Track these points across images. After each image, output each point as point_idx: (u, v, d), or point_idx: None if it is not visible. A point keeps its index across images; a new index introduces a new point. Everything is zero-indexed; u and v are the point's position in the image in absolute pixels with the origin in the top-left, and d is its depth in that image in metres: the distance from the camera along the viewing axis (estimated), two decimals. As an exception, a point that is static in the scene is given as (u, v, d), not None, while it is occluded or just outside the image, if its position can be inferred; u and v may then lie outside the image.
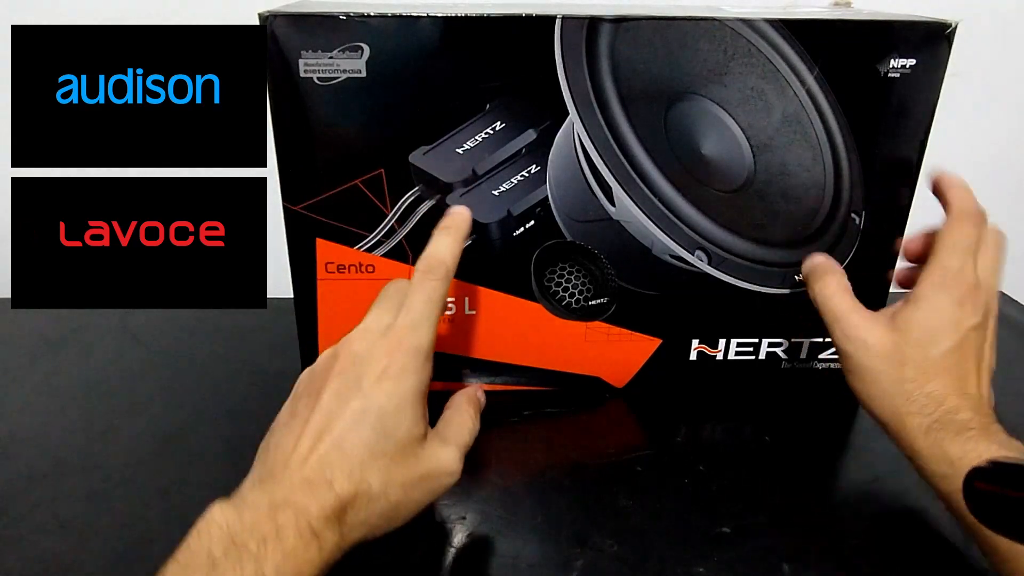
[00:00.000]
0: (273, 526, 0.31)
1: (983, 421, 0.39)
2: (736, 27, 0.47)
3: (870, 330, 0.42)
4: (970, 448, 0.37)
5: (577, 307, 0.54)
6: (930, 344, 0.41)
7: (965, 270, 0.42)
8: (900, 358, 0.41)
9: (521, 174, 0.49)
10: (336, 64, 0.44)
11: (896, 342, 0.41)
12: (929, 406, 0.40)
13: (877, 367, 0.41)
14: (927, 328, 0.41)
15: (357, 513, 0.34)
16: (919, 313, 0.41)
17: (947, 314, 0.41)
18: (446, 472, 0.37)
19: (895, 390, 0.41)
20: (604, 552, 0.43)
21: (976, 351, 0.42)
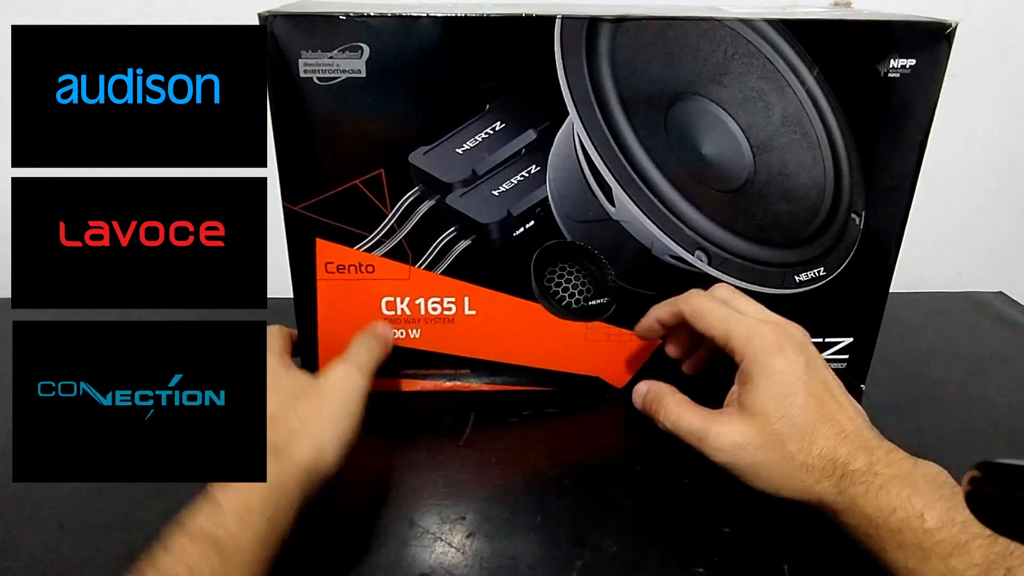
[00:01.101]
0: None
1: (880, 455, 0.39)
2: (736, 27, 0.47)
3: (735, 430, 0.42)
4: (884, 504, 0.37)
5: (577, 307, 0.54)
6: (787, 409, 0.41)
7: (747, 324, 0.43)
8: (775, 439, 0.41)
9: (521, 174, 0.49)
10: (336, 64, 0.44)
11: (762, 426, 0.41)
12: (828, 467, 0.39)
13: (763, 458, 0.41)
14: (773, 397, 0.41)
15: (288, 440, 0.40)
16: (756, 389, 0.41)
17: (780, 373, 0.41)
18: (338, 379, 0.44)
19: (791, 469, 0.40)
20: (604, 552, 0.43)
21: (824, 386, 0.42)
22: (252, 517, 0.36)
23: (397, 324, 0.53)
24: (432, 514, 0.46)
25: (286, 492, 0.38)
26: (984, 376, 0.63)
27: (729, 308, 0.45)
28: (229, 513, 0.35)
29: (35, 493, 0.47)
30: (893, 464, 0.38)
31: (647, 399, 0.47)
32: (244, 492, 0.36)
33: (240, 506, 0.36)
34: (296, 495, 0.39)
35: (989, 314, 0.74)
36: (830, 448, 0.40)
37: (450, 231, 0.50)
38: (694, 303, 0.45)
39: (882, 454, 0.39)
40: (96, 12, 0.67)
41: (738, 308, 0.45)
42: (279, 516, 0.37)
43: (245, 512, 0.36)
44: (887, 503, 0.37)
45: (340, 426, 0.42)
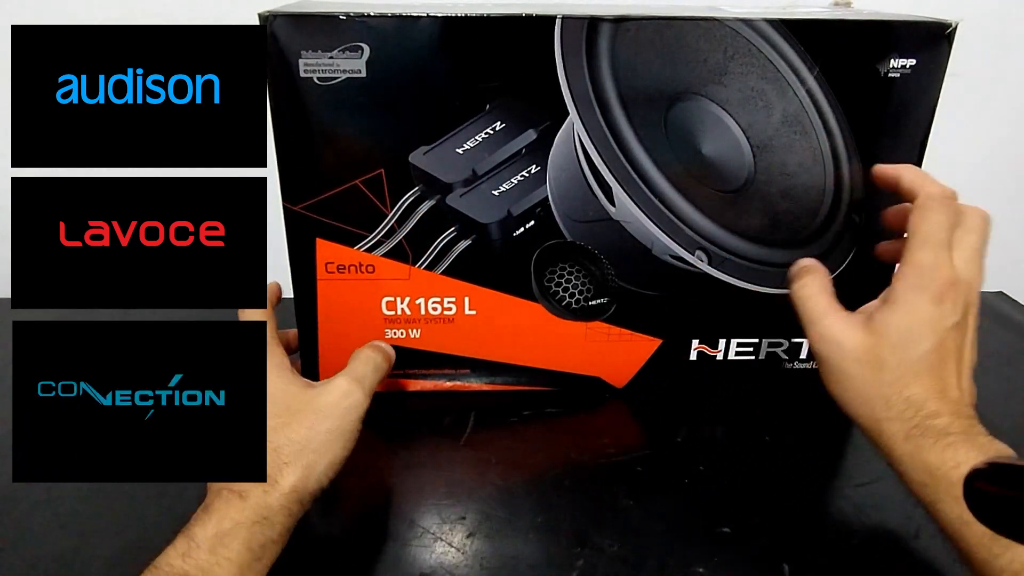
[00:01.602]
0: (204, 507, 0.38)
1: (964, 425, 0.38)
2: (736, 27, 0.47)
3: (846, 332, 0.41)
4: (949, 456, 0.36)
5: (577, 307, 0.54)
6: (908, 347, 0.39)
7: (940, 264, 0.40)
8: (877, 362, 0.40)
9: (521, 174, 0.49)
10: (336, 64, 0.44)
11: (873, 345, 0.40)
12: (908, 411, 0.39)
13: (854, 371, 0.40)
14: (904, 330, 0.39)
15: (276, 466, 0.39)
16: (895, 315, 0.40)
17: (924, 314, 0.39)
18: (339, 397, 0.43)
19: (873, 395, 0.40)
20: (604, 552, 0.43)
21: (956, 351, 0.40)
22: (230, 547, 0.36)
23: (397, 324, 0.53)
24: (432, 514, 0.46)
25: (271, 520, 0.38)
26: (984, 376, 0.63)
27: (945, 245, 0.40)
28: (202, 546, 0.35)
29: (35, 493, 0.47)
30: (974, 435, 0.37)
31: (797, 268, 0.45)
32: (221, 522, 0.36)
33: (213, 538, 0.36)
34: (282, 521, 0.38)
35: (989, 314, 0.74)
36: (922, 397, 0.38)
37: (450, 231, 0.50)
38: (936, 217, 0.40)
39: (967, 423, 0.38)
40: (96, 12, 0.67)
41: (955, 249, 0.41)
42: (262, 543, 0.37)
43: (220, 544, 0.36)
44: (952, 457, 0.36)
45: (334, 450, 0.41)
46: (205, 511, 0.37)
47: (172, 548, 0.35)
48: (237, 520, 0.36)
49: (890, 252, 0.48)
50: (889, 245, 0.48)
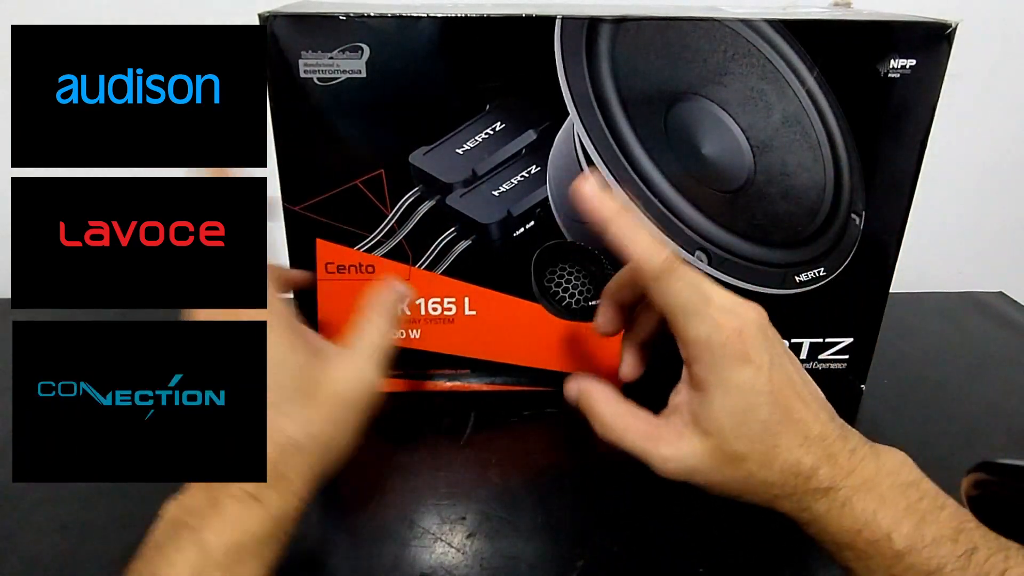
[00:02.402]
0: (210, 501, 0.33)
1: (836, 466, 0.35)
2: (736, 27, 0.47)
3: (688, 452, 0.36)
4: (847, 525, 0.34)
5: (577, 307, 0.54)
6: (747, 428, 0.35)
7: (717, 326, 0.35)
8: (731, 460, 0.36)
9: (521, 174, 0.49)
10: (336, 64, 0.44)
11: (715, 448, 0.36)
12: (789, 483, 0.35)
13: (720, 479, 0.36)
14: (733, 415, 0.35)
15: (293, 467, 0.35)
16: (713, 404, 0.36)
17: (741, 387, 0.35)
18: (359, 384, 0.38)
19: (751, 487, 0.36)
20: (604, 552, 0.43)
21: (788, 384, 0.36)
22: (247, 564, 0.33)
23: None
24: (432, 514, 0.46)
25: (286, 529, 0.35)
26: (984, 376, 0.63)
27: (692, 292, 0.36)
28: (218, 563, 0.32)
29: (35, 493, 0.47)
30: (856, 470, 0.35)
31: (581, 405, 0.40)
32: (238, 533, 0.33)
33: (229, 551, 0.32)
34: (291, 528, 0.35)
35: (989, 314, 0.74)
36: (793, 461, 0.35)
37: (450, 231, 0.50)
38: (664, 286, 0.36)
39: (844, 459, 0.35)
40: (96, 12, 0.67)
41: (700, 294, 0.36)
42: (274, 555, 0.34)
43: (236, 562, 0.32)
44: (852, 523, 0.34)
45: (351, 439, 0.37)
46: (215, 509, 0.33)
47: (178, 553, 0.32)
48: (255, 534, 0.33)
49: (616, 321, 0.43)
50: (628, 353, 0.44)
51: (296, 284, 0.51)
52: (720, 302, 0.37)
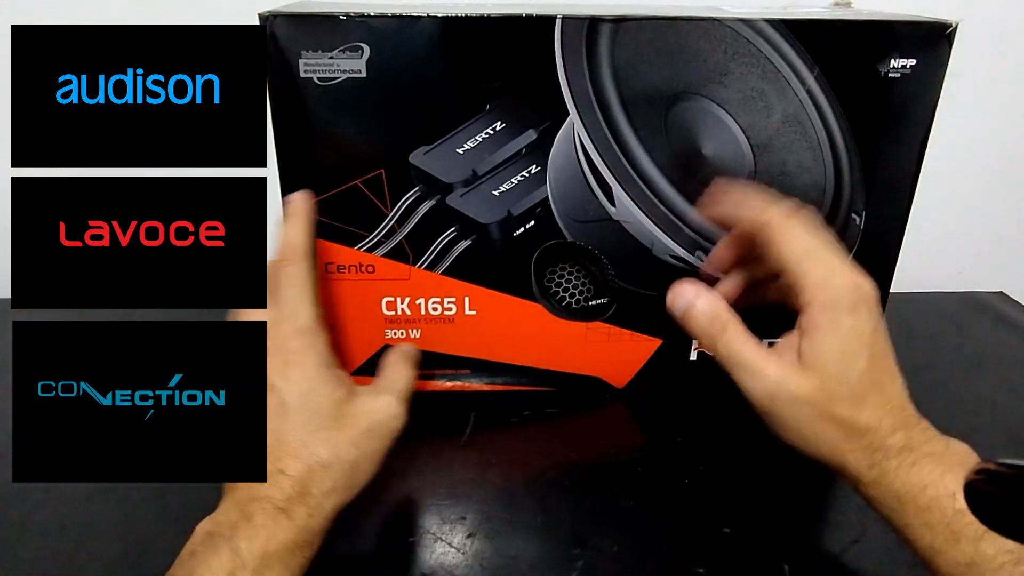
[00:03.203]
0: (242, 514, 0.35)
1: (918, 434, 0.37)
2: (736, 27, 0.46)
3: (789, 379, 0.38)
4: (915, 480, 0.36)
5: (577, 307, 0.54)
6: (847, 371, 0.37)
7: (835, 273, 0.38)
8: (827, 398, 0.38)
9: (521, 174, 0.49)
10: (336, 64, 0.44)
11: (817, 384, 0.38)
12: (866, 438, 0.37)
13: (806, 414, 0.38)
14: (836, 355, 0.38)
15: (319, 484, 0.37)
16: (821, 343, 0.38)
17: (847, 330, 0.38)
18: (387, 417, 0.41)
19: (830, 433, 0.38)
20: (604, 552, 0.43)
21: (885, 355, 0.39)
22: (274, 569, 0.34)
23: (397, 324, 0.53)
24: (432, 514, 0.46)
25: (312, 544, 0.37)
26: (984, 376, 0.63)
27: (825, 251, 0.38)
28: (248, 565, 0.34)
29: (35, 493, 0.47)
30: (928, 442, 0.37)
31: (708, 317, 0.41)
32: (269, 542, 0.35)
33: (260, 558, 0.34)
34: (318, 543, 0.37)
35: (989, 314, 0.74)
36: (875, 418, 0.37)
37: (450, 231, 0.50)
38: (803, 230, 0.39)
39: (919, 432, 0.38)
40: (96, 12, 0.67)
41: (832, 251, 0.39)
42: (302, 564, 0.36)
43: (265, 566, 0.34)
44: (918, 479, 0.36)
45: (373, 469, 0.40)
46: (248, 522, 0.35)
47: (215, 557, 0.33)
48: (283, 542, 0.35)
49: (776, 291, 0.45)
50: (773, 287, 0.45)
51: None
52: (840, 256, 0.39)
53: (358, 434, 0.39)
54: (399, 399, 0.42)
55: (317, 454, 0.38)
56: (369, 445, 0.40)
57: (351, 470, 0.39)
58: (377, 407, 0.41)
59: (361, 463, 0.39)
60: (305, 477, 0.37)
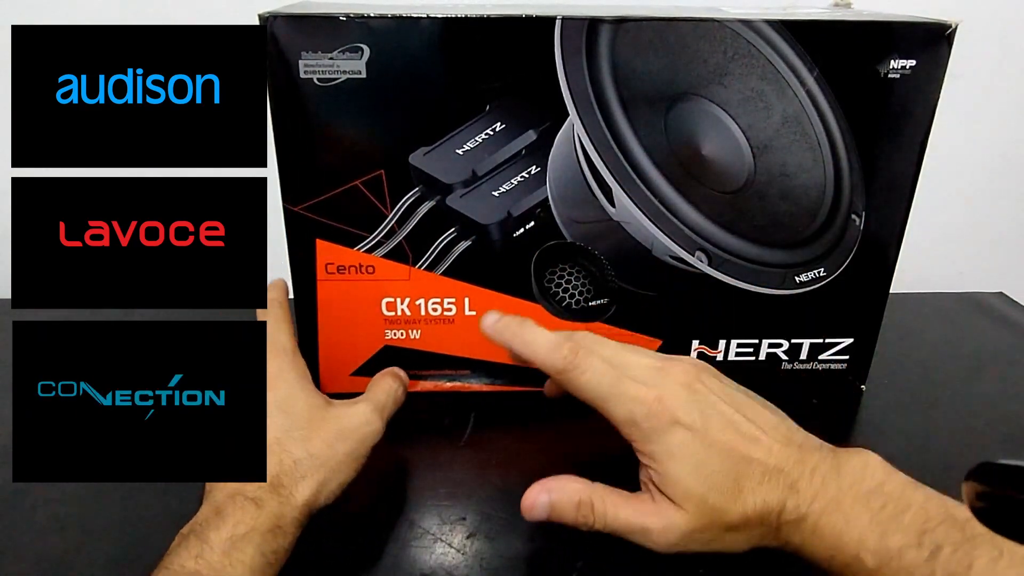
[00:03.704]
0: (215, 511, 0.37)
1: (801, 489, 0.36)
2: (736, 28, 0.47)
3: (678, 524, 0.38)
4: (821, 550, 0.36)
5: (577, 308, 0.54)
6: (711, 478, 0.37)
7: (633, 401, 0.38)
8: (716, 514, 0.37)
9: (521, 175, 0.49)
10: (336, 65, 0.44)
11: (699, 509, 0.37)
12: (763, 521, 0.37)
13: (711, 536, 0.38)
14: (692, 475, 0.37)
15: (290, 475, 0.39)
16: (671, 474, 0.37)
17: (679, 447, 0.37)
18: (360, 423, 0.43)
19: (741, 537, 0.38)
20: (604, 552, 0.43)
21: (726, 424, 0.38)
22: (244, 551, 0.36)
23: (397, 325, 0.53)
24: (432, 515, 0.46)
25: (284, 529, 0.38)
26: (984, 376, 0.63)
27: (611, 370, 0.39)
28: (216, 549, 0.35)
29: (35, 493, 0.47)
30: (819, 493, 0.36)
31: (572, 506, 0.40)
32: (236, 527, 0.36)
33: (227, 541, 0.35)
34: (293, 532, 0.38)
35: (989, 314, 0.74)
36: (760, 501, 0.37)
37: (450, 232, 0.50)
38: (573, 383, 0.40)
39: (805, 484, 0.37)
40: (96, 12, 0.67)
41: (610, 377, 0.39)
42: (273, 548, 0.37)
43: (234, 548, 0.35)
44: (824, 549, 0.36)
45: (347, 471, 0.42)
46: (218, 515, 0.36)
47: (184, 549, 0.35)
48: (252, 526, 0.36)
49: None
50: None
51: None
52: (634, 374, 0.39)
53: (331, 436, 0.42)
54: (374, 407, 0.44)
55: (290, 451, 0.40)
56: (342, 447, 0.42)
57: (323, 466, 0.40)
58: (351, 412, 0.44)
59: (333, 462, 0.41)
60: (277, 471, 0.39)
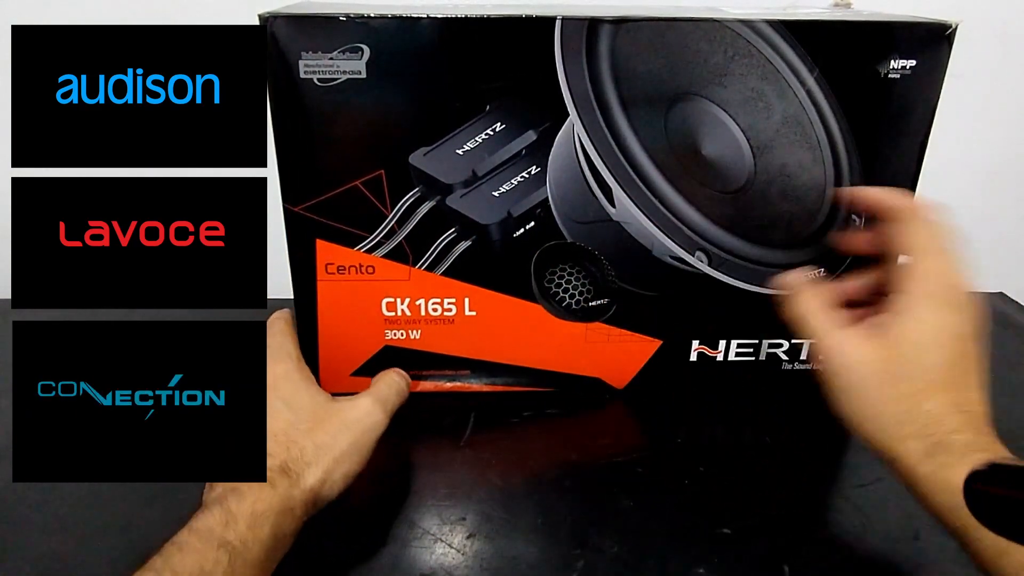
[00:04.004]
0: (230, 488, 0.38)
1: (984, 443, 0.36)
2: (736, 28, 0.47)
3: (857, 346, 0.39)
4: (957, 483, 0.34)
5: (577, 308, 0.54)
6: (926, 357, 0.37)
7: (953, 271, 0.39)
8: (894, 375, 0.37)
9: (521, 175, 0.49)
10: (336, 65, 0.44)
11: (888, 358, 0.38)
12: (928, 427, 0.36)
13: (868, 386, 0.38)
14: (921, 339, 0.38)
15: (297, 463, 0.40)
16: (910, 324, 0.38)
17: (942, 322, 0.38)
18: (363, 414, 0.44)
19: (889, 411, 0.37)
20: (604, 553, 0.43)
21: (975, 363, 0.38)
22: (261, 526, 0.36)
23: (397, 325, 0.53)
24: (432, 515, 0.46)
25: (293, 510, 0.38)
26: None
27: (950, 252, 0.40)
28: (240, 519, 0.36)
29: (35, 493, 0.47)
30: (995, 449, 0.35)
31: (788, 284, 0.45)
32: (256, 503, 0.37)
33: (251, 514, 0.36)
34: (300, 516, 0.39)
35: (989, 314, 0.74)
36: (942, 411, 0.36)
37: (450, 232, 0.50)
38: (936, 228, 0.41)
39: (988, 441, 0.36)
40: (96, 12, 0.67)
41: (949, 243, 0.40)
42: (284, 531, 0.38)
43: (255, 521, 0.36)
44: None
45: (351, 462, 0.42)
46: (234, 491, 0.37)
47: (209, 515, 0.36)
48: (269, 504, 0.37)
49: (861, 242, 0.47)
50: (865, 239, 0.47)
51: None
52: (964, 266, 0.40)
53: (335, 428, 0.43)
54: (375, 400, 0.46)
55: (296, 441, 0.41)
56: (345, 437, 0.43)
57: (327, 455, 0.41)
58: (353, 405, 0.45)
59: (337, 451, 0.42)
60: (284, 458, 0.40)
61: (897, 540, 0.45)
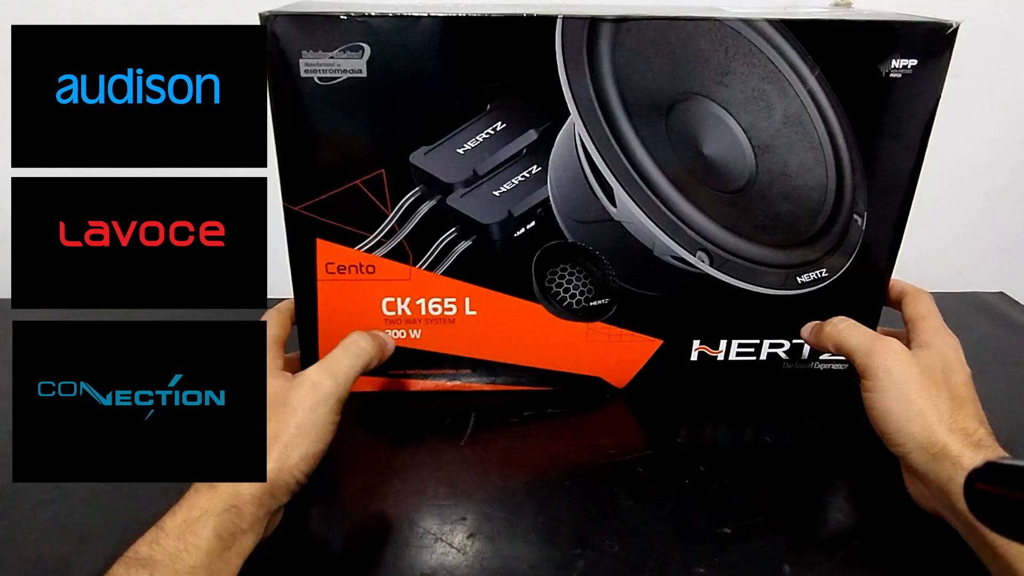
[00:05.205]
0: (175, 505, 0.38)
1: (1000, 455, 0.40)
2: (737, 27, 0.46)
3: (903, 352, 0.44)
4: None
5: (578, 308, 0.54)
6: (953, 376, 0.44)
7: (947, 329, 0.47)
8: (935, 382, 0.43)
9: (522, 175, 0.49)
10: (337, 64, 0.44)
11: (928, 366, 0.44)
12: (967, 429, 0.41)
13: (912, 388, 0.43)
14: (945, 363, 0.44)
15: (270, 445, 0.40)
16: (933, 351, 0.45)
17: (956, 352, 0.45)
18: (306, 391, 0.43)
19: (935, 409, 0.42)
20: (604, 552, 0.43)
21: (975, 396, 0.44)
22: (199, 534, 0.36)
23: (398, 324, 0.53)
24: (433, 515, 0.46)
25: (240, 508, 0.38)
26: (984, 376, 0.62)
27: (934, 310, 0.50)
28: (170, 534, 0.36)
29: (35, 493, 0.47)
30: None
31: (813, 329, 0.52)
32: (191, 511, 0.37)
33: (182, 525, 0.36)
34: (252, 511, 0.38)
35: (989, 314, 0.74)
36: (972, 423, 0.42)
37: (451, 232, 0.50)
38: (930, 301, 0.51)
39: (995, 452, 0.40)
40: (96, 12, 0.67)
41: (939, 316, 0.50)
42: (232, 531, 0.37)
43: (188, 531, 0.36)
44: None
45: (305, 444, 0.41)
46: (177, 503, 0.38)
47: (141, 538, 0.36)
48: (206, 508, 0.37)
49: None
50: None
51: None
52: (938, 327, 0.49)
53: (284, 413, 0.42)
54: (322, 370, 0.44)
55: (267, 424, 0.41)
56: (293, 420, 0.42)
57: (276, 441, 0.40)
58: (299, 383, 0.44)
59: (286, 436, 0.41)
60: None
61: (897, 540, 0.45)
